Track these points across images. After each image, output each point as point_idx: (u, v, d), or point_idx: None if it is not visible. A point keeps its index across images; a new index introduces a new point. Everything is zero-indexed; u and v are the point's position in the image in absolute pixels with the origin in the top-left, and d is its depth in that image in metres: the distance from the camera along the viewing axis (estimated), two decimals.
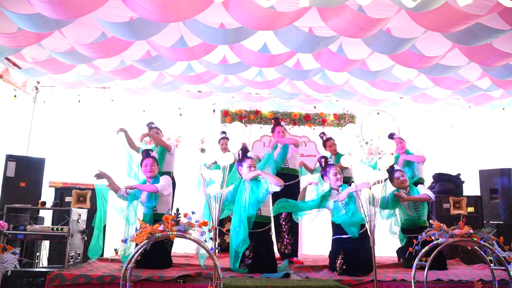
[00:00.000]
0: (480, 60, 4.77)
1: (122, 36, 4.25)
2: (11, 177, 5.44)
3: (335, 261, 4.27)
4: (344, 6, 3.64)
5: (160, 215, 4.05)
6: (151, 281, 3.74)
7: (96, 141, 6.90)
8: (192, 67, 5.63)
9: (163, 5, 3.51)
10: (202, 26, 4.09)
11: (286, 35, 4.27)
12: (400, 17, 3.86)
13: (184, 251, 6.10)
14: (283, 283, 3.74)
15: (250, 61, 4.99)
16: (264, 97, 7.06)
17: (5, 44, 4.38)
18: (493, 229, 5.75)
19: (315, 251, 6.39)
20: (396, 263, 4.89)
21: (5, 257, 3.52)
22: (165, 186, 4.58)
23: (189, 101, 7.08)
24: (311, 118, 7.16)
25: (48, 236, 4.61)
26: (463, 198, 5.86)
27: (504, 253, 3.43)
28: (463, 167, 6.74)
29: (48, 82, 6.63)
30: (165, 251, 4.41)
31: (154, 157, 4.78)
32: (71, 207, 4.87)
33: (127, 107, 7.22)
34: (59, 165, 6.51)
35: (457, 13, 3.63)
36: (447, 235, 3.41)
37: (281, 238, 5.30)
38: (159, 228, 3.06)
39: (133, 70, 5.34)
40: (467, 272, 4.48)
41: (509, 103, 6.95)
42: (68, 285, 3.68)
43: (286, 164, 5.41)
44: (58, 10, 3.58)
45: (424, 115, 7.55)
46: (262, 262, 4.25)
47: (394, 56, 4.76)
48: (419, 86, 6.10)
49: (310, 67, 5.43)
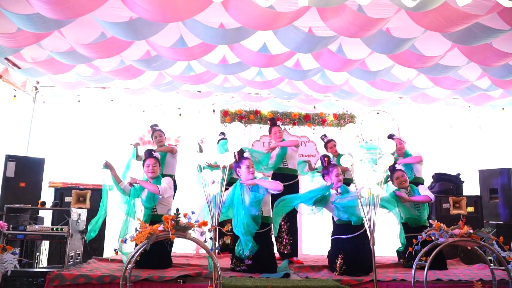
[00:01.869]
0: (479, 60, 4.77)
1: (121, 36, 4.25)
2: (11, 177, 5.43)
3: (335, 261, 4.27)
4: (344, 6, 3.64)
5: (159, 217, 4.06)
6: (151, 281, 3.73)
7: (96, 141, 6.91)
8: (192, 67, 5.63)
9: (163, 5, 3.51)
10: (201, 26, 4.09)
11: (285, 35, 4.27)
12: (399, 17, 3.86)
13: (184, 251, 6.10)
14: (283, 283, 3.74)
15: (249, 61, 4.99)
16: (264, 97, 7.06)
17: (4, 44, 4.37)
18: (492, 229, 5.77)
19: (315, 251, 6.39)
20: (396, 263, 4.89)
21: (5, 257, 3.52)
22: (167, 189, 4.57)
23: (189, 101, 7.08)
24: (310, 118, 7.16)
25: (48, 236, 4.62)
26: (463, 198, 5.86)
27: (504, 253, 3.44)
28: (463, 167, 6.75)
29: (48, 82, 6.63)
30: (165, 251, 4.40)
31: (156, 158, 4.76)
32: (71, 207, 4.88)
33: (126, 107, 7.22)
34: (58, 165, 6.51)
35: (457, 13, 3.63)
36: (447, 235, 3.41)
37: (281, 238, 5.29)
38: (159, 228, 3.06)
39: (132, 70, 5.34)
40: (467, 272, 4.48)
41: (509, 103, 6.95)
42: (68, 285, 3.67)
43: (285, 164, 5.41)
44: (57, 10, 3.58)
45: (424, 115, 7.56)
46: (262, 262, 4.25)
47: (394, 56, 4.77)
48: (419, 86, 6.10)
49: (310, 67, 5.43)
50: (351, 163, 3.88)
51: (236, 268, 4.30)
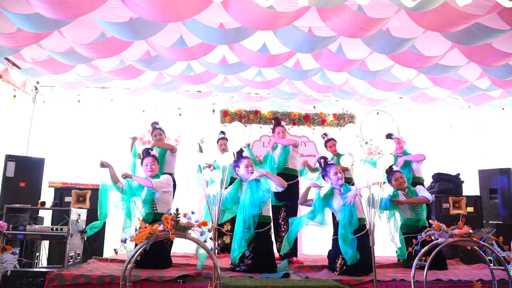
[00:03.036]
0: (479, 60, 4.77)
1: (121, 36, 4.25)
2: (10, 177, 5.44)
3: (335, 261, 4.27)
4: (344, 6, 3.64)
5: (160, 215, 4.06)
6: (150, 281, 3.73)
7: (96, 141, 6.91)
8: (192, 67, 5.63)
9: (162, 5, 3.51)
10: (201, 26, 4.09)
11: (285, 35, 4.27)
12: (399, 17, 3.86)
13: (184, 251, 6.10)
14: (282, 283, 3.74)
15: (249, 61, 4.99)
16: (264, 97, 7.06)
17: (4, 44, 4.37)
18: (492, 229, 5.76)
19: (314, 251, 6.39)
20: (396, 263, 4.89)
21: (4, 257, 3.51)
22: (162, 184, 4.54)
23: (189, 101, 7.08)
24: (310, 118, 7.16)
25: (48, 236, 4.62)
26: (463, 198, 5.86)
27: (504, 253, 3.43)
28: (463, 167, 6.74)
29: (48, 82, 6.63)
30: (165, 251, 4.40)
31: (154, 156, 4.75)
32: (71, 207, 4.88)
33: (126, 107, 7.22)
34: (58, 165, 6.51)
35: (457, 13, 3.63)
36: (447, 235, 3.41)
37: (280, 238, 5.29)
38: (159, 228, 3.06)
39: (132, 70, 5.34)
40: (467, 272, 4.48)
41: (509, 103, 6.96)
42: (68, 285, 3.67)
43: (286, 164, 5.41)
44: (57, 10, 3.57)
45: (424, 115, 7.56)
46: (262, 262, 4.25)
47: (394, 56, 4.77)
48: (419, 86, 6.10)
49: (310, 67, 5.43)
50: (351, 163, 3.89)
51: (236, 268, 4.29)
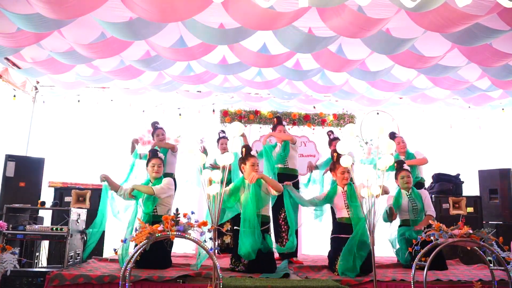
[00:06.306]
0: (479, 61, 4.77)
1: (121, 36, 4.25)
2: (10, 177, 5.44)
3: (335, 261, 4.26)
4: (344, 6, 3.64)
5: (159, 217, 4.06)
6: (150, 281, 3.73)
7: (96, 141, 6.92)
8: (192, 67, 5.63)
9: (162, 5, 3.51)
10: (201, 26, 4.09)
11: (285, 35, 4.27)
12: (399, 17, 3.86)
13: (183, 251, 6.10)
14: (282, 283, 3.74)
15: (249, 61, 4.99)
16: (264, 97, 7.06)
17: (4, 44, 4.38)
18: (492, 229, 5.77)
19: (314, 251, 6.39)
20: (396, 263, 4.88)
21: (4, 257, 3.52)
22: (164, 189, 4.54)
23: (189, 101, 7.08)
24: (310, 118, 7.16)
25: (48, 236, 4.61)
26: (463, 198, 5.86)
27: (504, 253, 3.44)
28: (463, 167, 6.74)
29: (48, 82, 6.63)
30: (165, 251, 4.40)
31: (161, 158, 4.79)
32: (71, 207, 4.87)
33: (126, 107, 7.22)
34: (58, 165, 6.52)
35: (456, 14, 3.63)
36: (447, 235, 3.41)
37: (280, 238, 5.28)
38: (159, 228, 3.06)
39: (132, 70, 5.34)
40: (467, 272, 4.49)
41: (509, 103, 6.95)
42: (68, 285, 3.67)
43: (286, 164, 5.41)
44: (57, 10, 3.58)
45: (424, 115, 7.56)
46: (261, 262, 4.24)
47: (394, 57, 4.77)
48: (419, 86, 6.10)
49: (310, 67, 5.43)
50: (351, 163, 3.88)
51: (235, 268, 4.29)
